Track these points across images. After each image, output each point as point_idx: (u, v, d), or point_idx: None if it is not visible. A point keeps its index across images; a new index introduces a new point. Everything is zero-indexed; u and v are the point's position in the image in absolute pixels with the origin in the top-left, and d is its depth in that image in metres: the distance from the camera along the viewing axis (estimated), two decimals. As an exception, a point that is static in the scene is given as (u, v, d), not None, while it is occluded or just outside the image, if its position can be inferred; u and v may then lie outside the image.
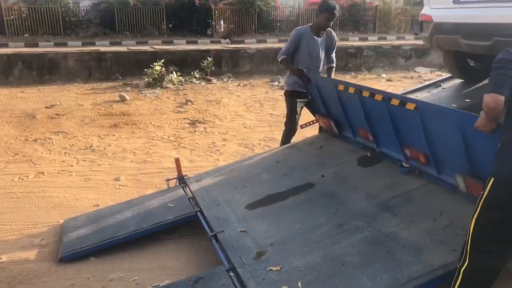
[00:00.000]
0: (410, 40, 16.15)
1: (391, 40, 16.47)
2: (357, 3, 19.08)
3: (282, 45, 4.99)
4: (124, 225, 3.54)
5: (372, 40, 16.17)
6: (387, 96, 3.33)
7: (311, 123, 4.80)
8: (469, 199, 2.87)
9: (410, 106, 3.06)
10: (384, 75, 12.02)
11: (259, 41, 15.30)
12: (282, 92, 9.04)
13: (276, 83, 10.70)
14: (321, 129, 4.75)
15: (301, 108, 4.69)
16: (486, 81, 4.78)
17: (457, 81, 5.03)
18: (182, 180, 4.19)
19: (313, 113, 4.76)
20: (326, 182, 3.67)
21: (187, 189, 4.02)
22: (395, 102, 3.22)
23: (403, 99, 3.21)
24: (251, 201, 3.56)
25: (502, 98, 1.99)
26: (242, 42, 15.16)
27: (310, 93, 4.54)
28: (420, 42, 15.18)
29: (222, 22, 16.28)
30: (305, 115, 4.79)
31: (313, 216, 3.18)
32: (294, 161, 4.20)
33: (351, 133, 4.14)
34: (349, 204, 3.27)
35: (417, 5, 21.95)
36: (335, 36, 4.62)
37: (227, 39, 15.48)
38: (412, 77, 11.71)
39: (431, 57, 13.91)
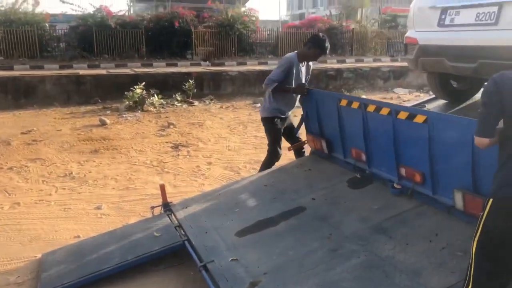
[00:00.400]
0: (386, 62, 16.53)
1: (368, 62, 16.84)
2: (334, 26, 19.49)
3: (262, 67, 4.97)
4: (108, 258, 3.36)
5: (350, 63, 16.47)
6: (395, 109, 3.32)
7: (302, 145, 4.74)
8: (465, 219, 2.85)
9: (420, 119, 3.06)
10: (364, 97, 12.16)
11: (239, 64, 15.40)
12: (265, 114, 9.14)
13: (259, 105, 10.67)
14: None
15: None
16: (469, 102, 4.88)
17: (441, 102, 5.08)
18: (167, 207, 4.03)
19: (287, 139, 4.70)
20: (317, 205, 3.60)
21: (173, 216, 3.88)
22: (403, 115, 3.22)
23: (413, 112, 3.21)
24: (241, 228, 3.44)
25: (486, 141, 2.07)
26: (222, 64, 15.23)
27: (306, 110, 4.50)
28: (397, 64, 15.61)
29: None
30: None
31: (306, 241, 3.09)
32: (283, 184, 4.11)
33: (341, 153, 4.10)
34: (342, 227, 3.20)
35: (392, 28, 22.62)
36: (311, 64, 4.62)
37: (207, 62, 15.54)
38: (391, 98, 11.90)
39: (409, 79, 14.25)
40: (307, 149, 4.75)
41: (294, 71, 4.37)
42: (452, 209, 2.98)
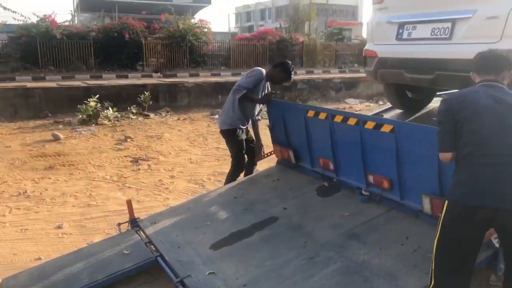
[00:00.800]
0: (335, 74, 17.10)
1: (318, 74, 17.31)
2: (284, 38, 19.88)
3: (218, 79, 5.02)
4: (76, 279, 3.20)
5: (301, 74, 16.83)
6: (362, 119, 3.44)
7: (269, 154, 4.78)
8: (432, 222, 2.97)
9: (387, 128, 3.19)
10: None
11: (191, 75, 15.33)
12: (224, 126, 9.13)
13: (217, 116, 10.65)
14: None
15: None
16: (423, 111, 5.14)
17: (397, 111, 5.32)
18: (135, 223, 3.91)
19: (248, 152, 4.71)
20: (289, 214, 3.64)
21: (142, 233, 3.77)
22: (370, 125, 3.33)
23: (380, 121, 3.34)
24: (215, 241, 3.40)
25: (449, 155, 2.29)
26: (175, 76, 15.08)
27: (272, 121, 4.54)
28: (347, 75, 16.15)
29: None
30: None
31: (282, 251, 3.12)
32: (253, 195, 4.12)
33: (309, 163, 4.17)
34: (316, 235, 3.26)
35: (339, 41, 23.45)
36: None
37: (159, 73, 15.35)
38: (344, 108, 12.27)
39: (359, 89, 14.83)
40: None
41: (261, 86, 4.44)
42: (420, 213, 3.12)
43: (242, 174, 4.70)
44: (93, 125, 9.43)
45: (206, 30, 18.49)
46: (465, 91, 2.36)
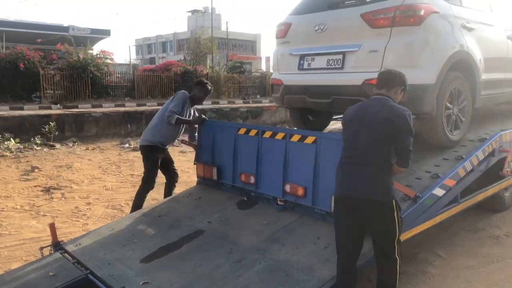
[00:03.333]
0: (240, 104, 17.90)
1: (224, 104, 17.95)
2: (189, 70, 20.27)
3: (120, 109, 5.29)
4: (2, 304, 3.13)
5: (207, 105, 17.29)
6: (289, 133, 3.94)
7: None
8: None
9: (310, 140, 3.71)
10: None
11: (94, 106, 14.95)
12: (136, 154, 9.14)
13: (127, 145, 10.60)
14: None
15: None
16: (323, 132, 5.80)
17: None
18: (58, 246, 3.89)
19: (163, 171, 5.01)
20: (214, 227, 3.93)
21: (67, 255, 3.77)
22: (295, 138, 3.83)
23: (304, 134, 3.85)
24: (145, 255, 3.54)
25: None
26: (76, 107, 14.58)
27: (200, 141, 4.85)
28: (252, 105, 16.91)
29: None
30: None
31: (212, 258, 3.38)
32: (177, 213, 4.33)
33: (230, 179, 4.51)
34: (241, 242, 3.59)
35: (241, 73, 24.55)
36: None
37: (58, 105, 14.71)
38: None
39: (264, 117, 15.71)
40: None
41: (187, 108, 4.80)
42: (327, 216, 3.63)
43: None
44: (-7, 157, 8.82)
45: (108, 60, 18.23)
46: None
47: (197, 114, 5.05)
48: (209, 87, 4.98)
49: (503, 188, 4.85)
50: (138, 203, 4.79)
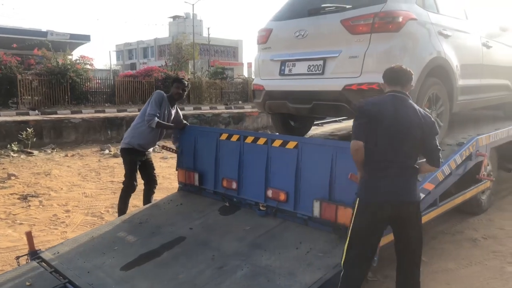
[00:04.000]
0: (222, 110, 17.89)
1: (206, 110, 17.92)
2: (170, 76, 20.18)
3: (99, 115, 5.25)
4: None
5: (188, 110, 17.26)
6: (271, 138, 3.94)
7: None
8: (320, 227, 3.53)
9: (291, 145, 3.71)
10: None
11: (73, 112, 14.74)
12: (116, 160, 9.03)
13: (107, 151, 10.45)
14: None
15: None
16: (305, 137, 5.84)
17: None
18: (35, 255, 3.81)
19: (143, 175, 4.98)
20: (196, 233, 3.90)
21: (44, 264, 3.69)
22: (277, 143, 3.82)
23: (286, 139, 3.84)
24: (125, 263, 3.50)
25: (360, 143, 2.75)
26: (55, 113, 14.34)
27: (182, 146, 4.80)
28: (234, 110, 16.94)
29: None
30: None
31: (193, 265, 3.36)
32: (158, 220, 4.29)
33: (212, 185, 4.49)
34: (223, 248, 3.57)
35: (223, 79, 24.57)
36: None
37: (36, 111, 14.44)
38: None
39: (246, 123, 15.73)
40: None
41: (166, 108, 4.75)
42: (309, 221, 3.64)
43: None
44: (-34, 164, 8.58)
45: (88, 66, 18.01)
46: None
47: (180, 115, 5.03)
48: (186, 82, 4.97)
49: (480, 191, 4.96)
50: (121, 207, 4.79)
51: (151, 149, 4.97)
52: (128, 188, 4.79)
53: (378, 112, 2.80)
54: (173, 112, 4.88)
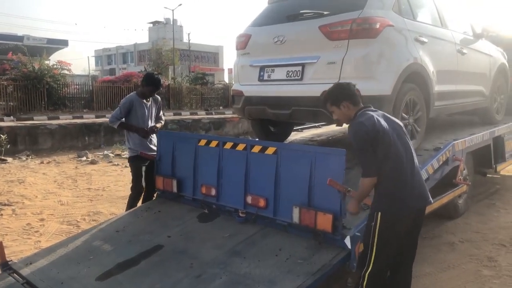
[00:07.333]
0: (202, 115, 17.81)
1: (186, 115, 17.81)
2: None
3: (77, 121, 5.28)
4: None
5: (169, 116, 17.11)
6: (250, 144, 3.89)
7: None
8: (299, 234, 3.51)
9: (270, 150, 3.68)
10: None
11: (50, 118, 14.45)
12: (94, 167, 8.88)
13: (84, 158, 10.25)
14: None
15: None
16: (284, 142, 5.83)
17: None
18: (7, 266, 3.68)
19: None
20: (174, 241, 3.83)
21: (16, 275, 3.57)
22: (256, 149, 3.77)
23: (265, 144, 3.81)
24: (101, 273, 3.41)
25: (374, 179, 2.76)
26: (31, 119, 14.03)
27: (160, 152, 4.73)
28: (215, 116, 16.91)
29: None
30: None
31: (171, 274, 3.29)
32: (135, 228, 4.20)
33: (191, 191, 4.41)
34: (201, 256, 3.51)
35: (203, 85, 24.49)
36: (159, 99, 5.16)
37: (11, 117, 14.11)
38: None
39: (226, 129, 15.69)
40: None
41: (138, 109, 4.77)
42: (288, 227, 3.61)
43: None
44: None
45: (66, 71, 17.71)
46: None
47: (162, 115, 5.12)
48: (156, 76, 5.05)
49: (457, 195, 5.03)
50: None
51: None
52: (136, 192, 4.90)
53: (379, 124, 2.75)
54: (148, 104, 4.93)
